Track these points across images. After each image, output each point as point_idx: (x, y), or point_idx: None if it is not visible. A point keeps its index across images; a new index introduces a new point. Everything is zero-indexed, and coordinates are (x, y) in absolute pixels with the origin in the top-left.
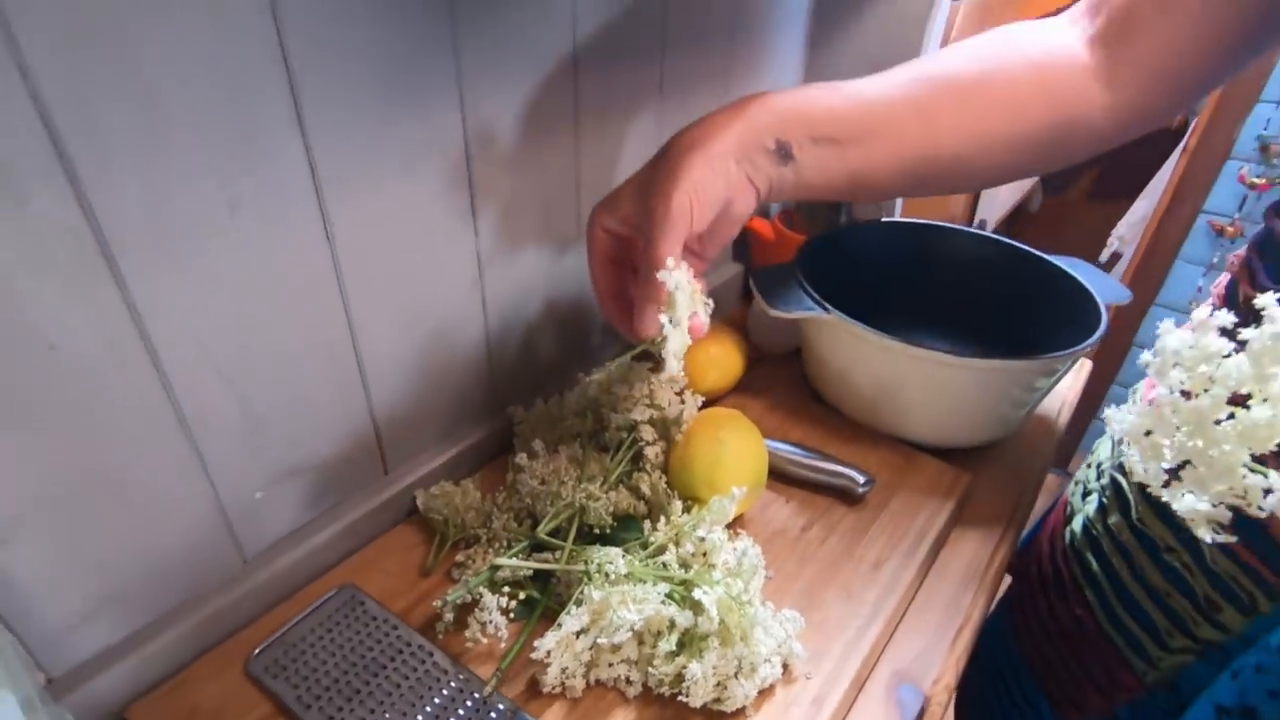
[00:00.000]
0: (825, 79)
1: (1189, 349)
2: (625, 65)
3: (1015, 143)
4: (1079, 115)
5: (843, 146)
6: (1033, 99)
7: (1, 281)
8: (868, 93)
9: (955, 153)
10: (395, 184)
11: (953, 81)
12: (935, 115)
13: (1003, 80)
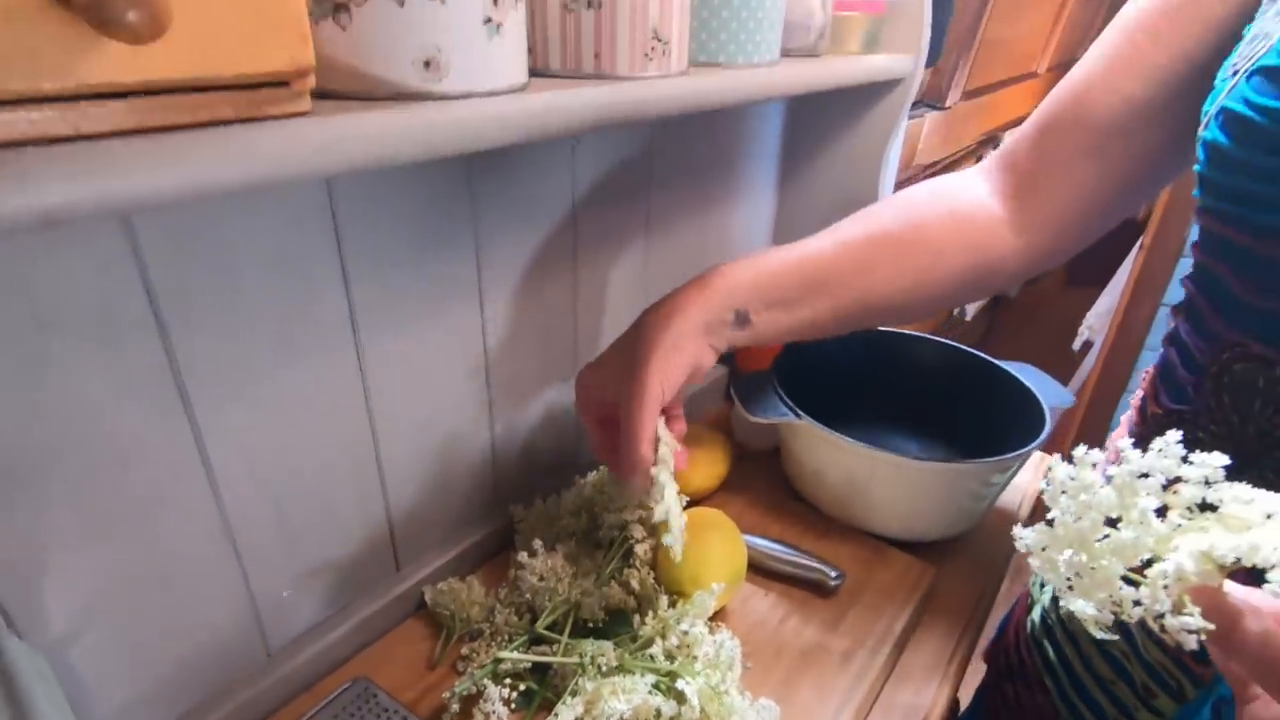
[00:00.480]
0: (796, 206)
1: (1072, 480)
2: (616, 207)
3: (940, 288)
4: (994, 261)
5: (792, 306)
6: (954, 250)
7: (93, 409)
8: (814, 255)
9: (889, 300)
10: (419, 324)
11: (887, 238)
12: (872, 270)
13: (929, 234)
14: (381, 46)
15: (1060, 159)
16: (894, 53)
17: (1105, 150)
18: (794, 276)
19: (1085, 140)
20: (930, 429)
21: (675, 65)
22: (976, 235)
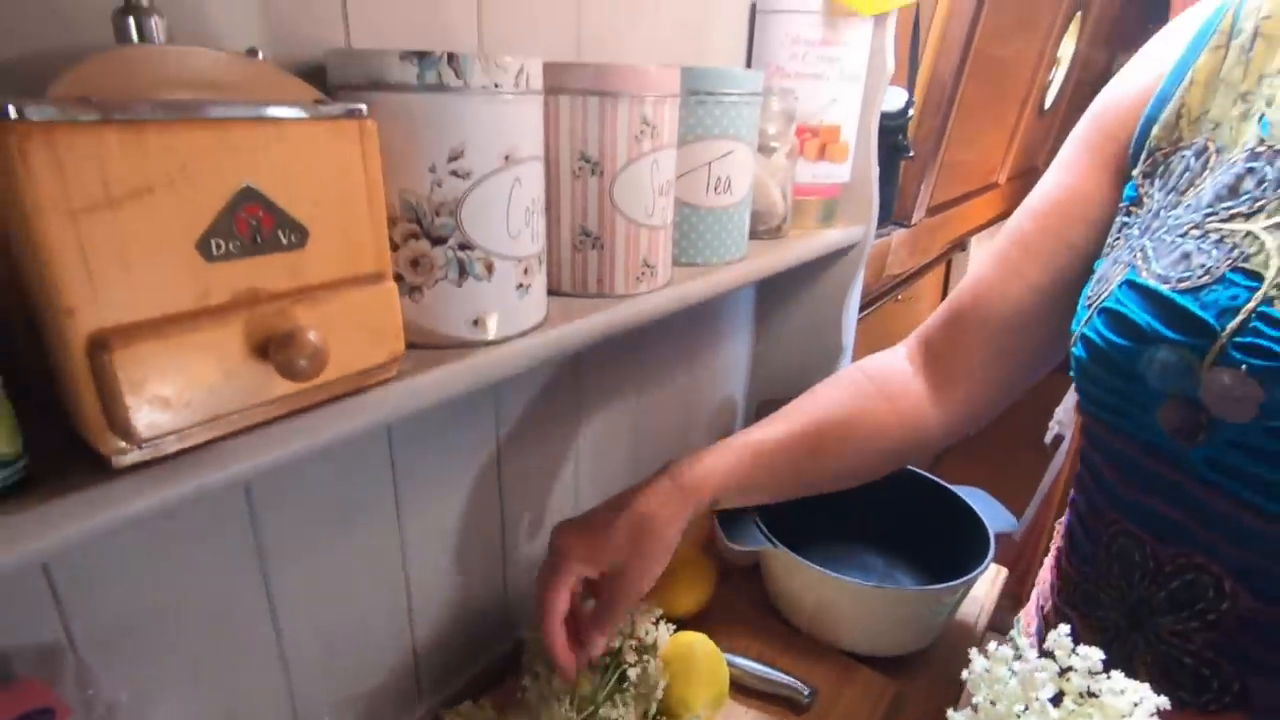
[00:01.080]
0: (771, 350)
1: (987, 672)
2: (544, 438)
3: (877, 461)
4: (921, 434)
5: (754, 491)
6: (888, 429)
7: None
8: (772, 447)
9: (836, 473)
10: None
11: (832, 426)
12: (821, 455)
13: (866, 419)
14: (443, 313)
15: (966, 347)
16: (848, 224)
17: (1003, 341)
18: (756, 468)
19: (985, 333)
20: (898, 546)
21: (661, 280)
22: (905, 414)
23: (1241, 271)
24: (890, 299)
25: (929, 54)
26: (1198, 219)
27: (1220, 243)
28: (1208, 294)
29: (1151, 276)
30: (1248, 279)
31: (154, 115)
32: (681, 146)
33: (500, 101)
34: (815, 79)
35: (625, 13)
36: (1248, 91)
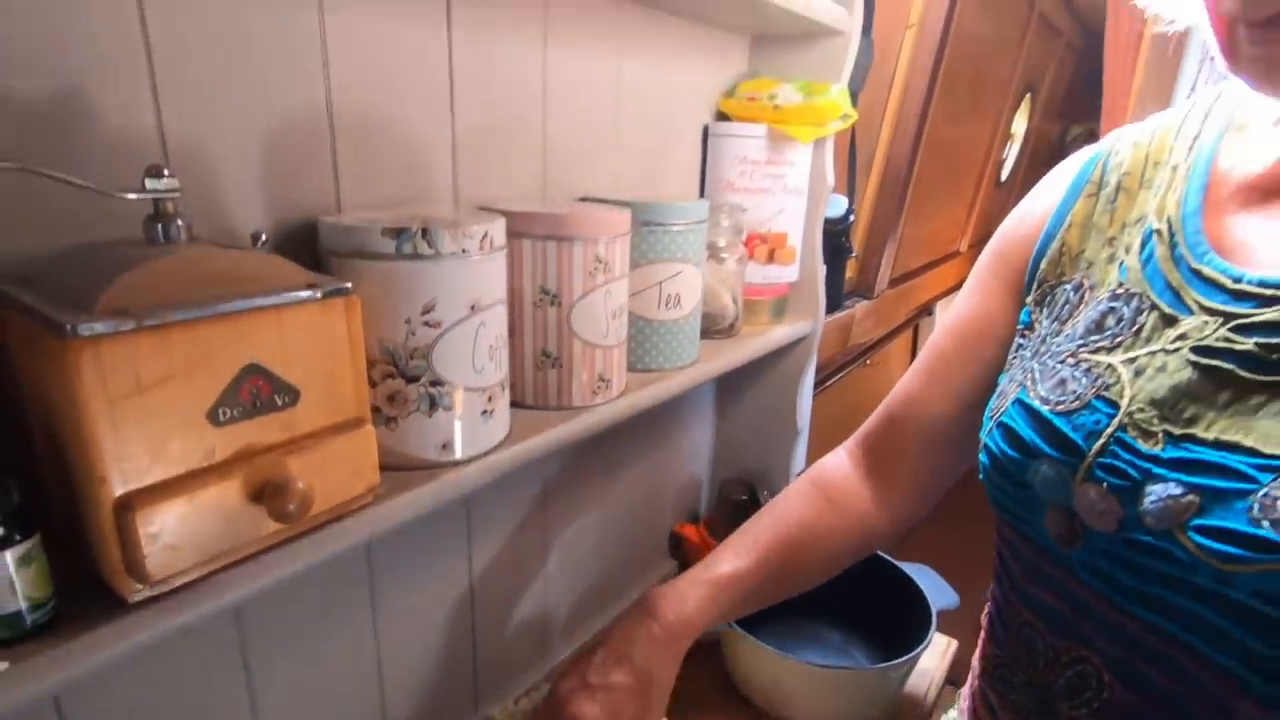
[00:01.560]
0: (732, 431)
1: None
2: (514, 530)
3: (833, 563)
4: (869, 534)
5: (729, 616)
6: (840, 536)
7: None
8: (739, 576)
9: (798, 585)
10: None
11: (792, 542)
12: (786, 571)
13: (820, 531)
14: (415, 440)
15: (901, 449)
16: (798, 319)
17: (933, 443)
18: (732, 600)
19: (916, 437)
20: (854, 620)
21: (616, 391)
22: (853, 517)
23: (1103, 399)
24: (859, 364)
25: (884, 138)
26: (1072, 348)
27: (1088, 372)
28: (1078, 417)
29: (1036, 397)
30: (1108, 406)
31: (178, 318)
32: (634, 269)
33: (468, 262)
34: (763, 193)
35: (588, 147)
36: (1113, 237)
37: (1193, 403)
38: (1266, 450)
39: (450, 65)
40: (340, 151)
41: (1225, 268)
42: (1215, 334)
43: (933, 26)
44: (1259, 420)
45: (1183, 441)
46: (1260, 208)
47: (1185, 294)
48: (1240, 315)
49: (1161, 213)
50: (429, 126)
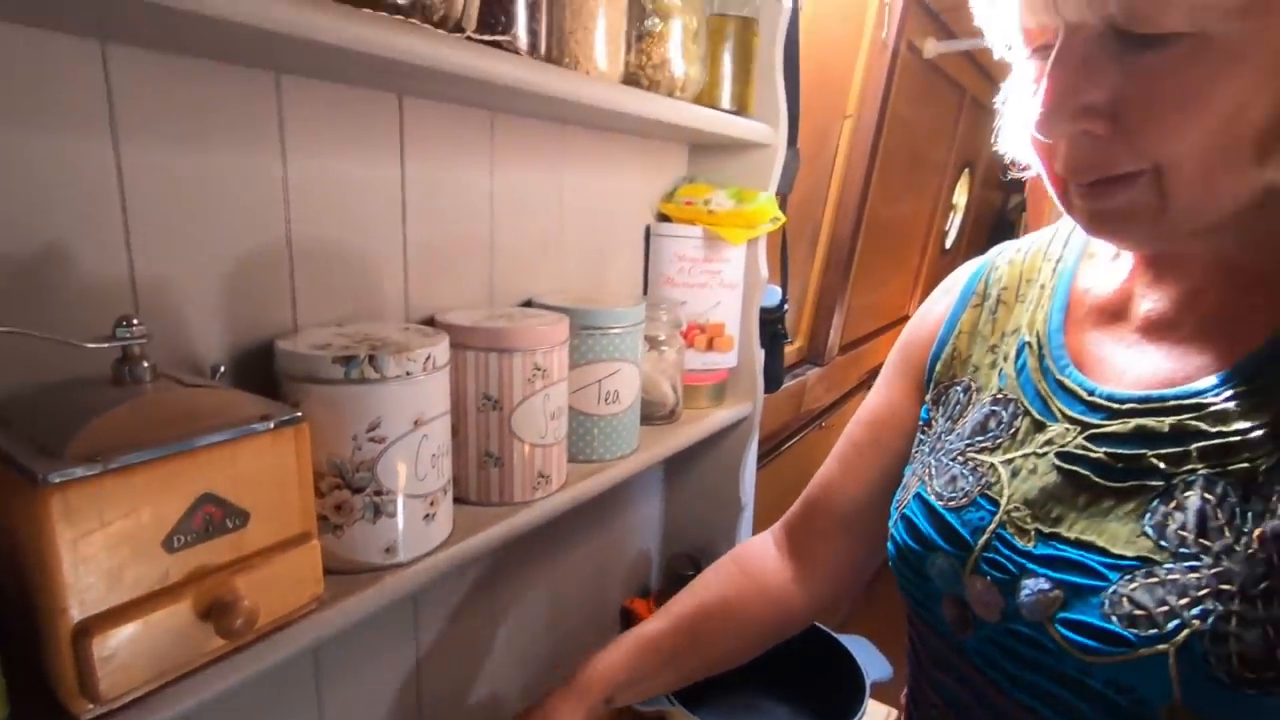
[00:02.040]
0: (680, 507)
1: None
2: (462, 617)
3: (753, 640)
4: (790, 614)
5: (645, 682)
6: (760, 614)
7: None
8: (657, 639)
9: (718, 658)
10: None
11: (710, 612)
12: (702, 639)
13: (741, 606)
14: (360, 546)
15: (821, 534)
16: (737, 402)
17: (850, 529)
18: (643, 660)
19: (834, 523)
20: (797, 692)
21: (555, 485)
22: (774, 597)
23: (987, 497)
24: (814, 428)
25: (828, 218)
26: (961, 446)
27: (975, 470)
28: (965, 514)
29: (932, 493)
30: (990, 504)
31: (140, 459)
32: (575, 369)
33: (411, 383)
34: (701, 287)
35: (533, 253)
36: (994, 345)
37: (1058, 504)
38: (1115, 550)
39: (403, 193)
40: (298, 278)
41: (1082, 380)
42: (1074, 441)
43: (868, 116)
44: (1109, 522)
45: (1050, 539)
46: (1109, 327)
47: (1051, 402)
48: (1094, 425)
49: (1032, 326)
50: (382, 248)
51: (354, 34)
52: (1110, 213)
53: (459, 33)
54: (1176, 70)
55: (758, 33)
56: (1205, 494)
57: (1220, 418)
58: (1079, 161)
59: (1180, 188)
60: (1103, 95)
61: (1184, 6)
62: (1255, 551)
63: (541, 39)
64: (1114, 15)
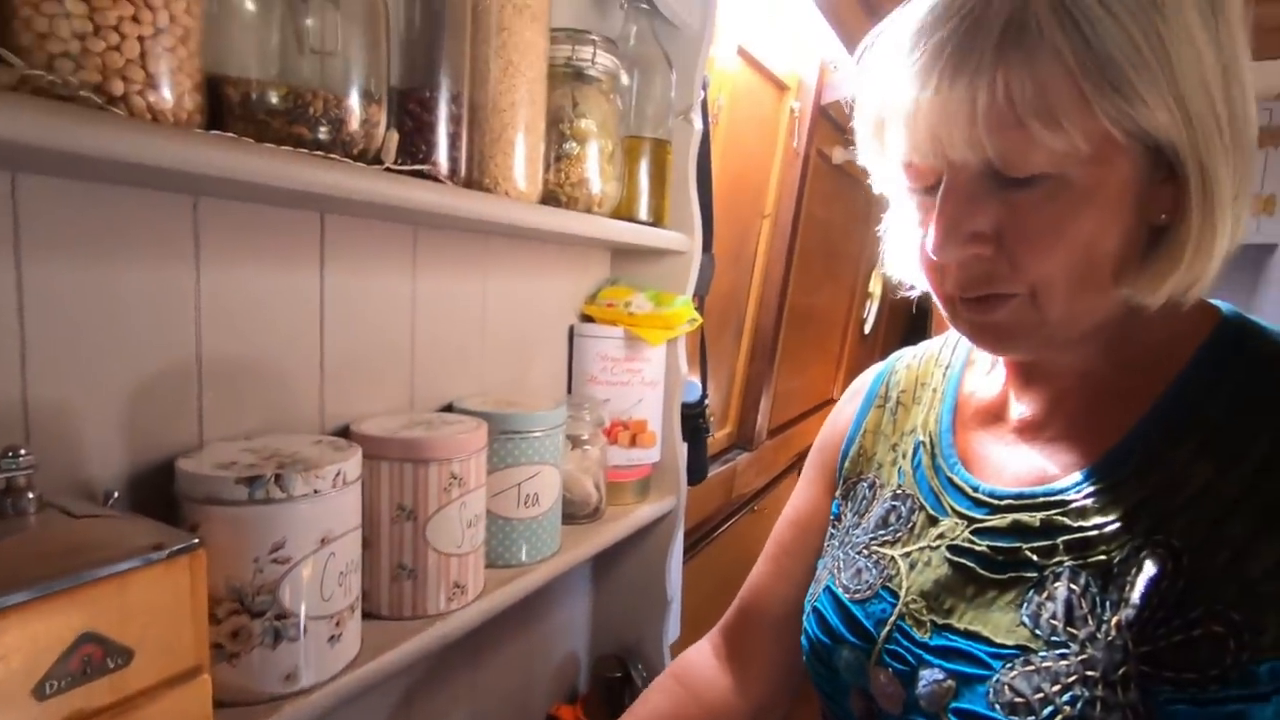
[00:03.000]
0: (608, 602)
1: None
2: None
3: None
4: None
5: None
6: None
7: None
8: None
9: None
10: None
11: None
12: None
13: (682, 715)
14: (258, 674)
15: (756, 638)
16: (662, 496)
17: (783, 631)
18: None
19: (768, 626)
20: None
21: (472, 595)
22: (715, 709)
23: (888, 589)
24: (747, 511)
25: (751, 310)
26: (866, 540)
27: (877, 564)
28: (869, 606)
29: (840, 586)
30: (891, 596)
31: (13, 602)
32: (494, 473)
33: (320, 500)
34: (624, 385)
35: (455, 357)
36: (895, 444)
37: (950, 595)
38: (997, 640)
39: (322, 303)
40: (207, 393)
41: (968, 477)
42: (962, 535)
43: (785, 216)
44: (992, 613)
45: (943, 630)
46: (990, 428)
47: (943, 498)
48: (978, 520)
49: (926, 427)
50: (298, 358)
51: (276, 173)
52: (994, 325)
53: (378, 164)
54: (1045, 204)
55: (671, 151)
56: (1071, 584)
57: (1081, 513)
58: (968, 280)
59: (1054, 304)
60: (987, 224)
61: (1046, 154)
62: (1114, 639)
63: (462, 164)
64: (991, 159)
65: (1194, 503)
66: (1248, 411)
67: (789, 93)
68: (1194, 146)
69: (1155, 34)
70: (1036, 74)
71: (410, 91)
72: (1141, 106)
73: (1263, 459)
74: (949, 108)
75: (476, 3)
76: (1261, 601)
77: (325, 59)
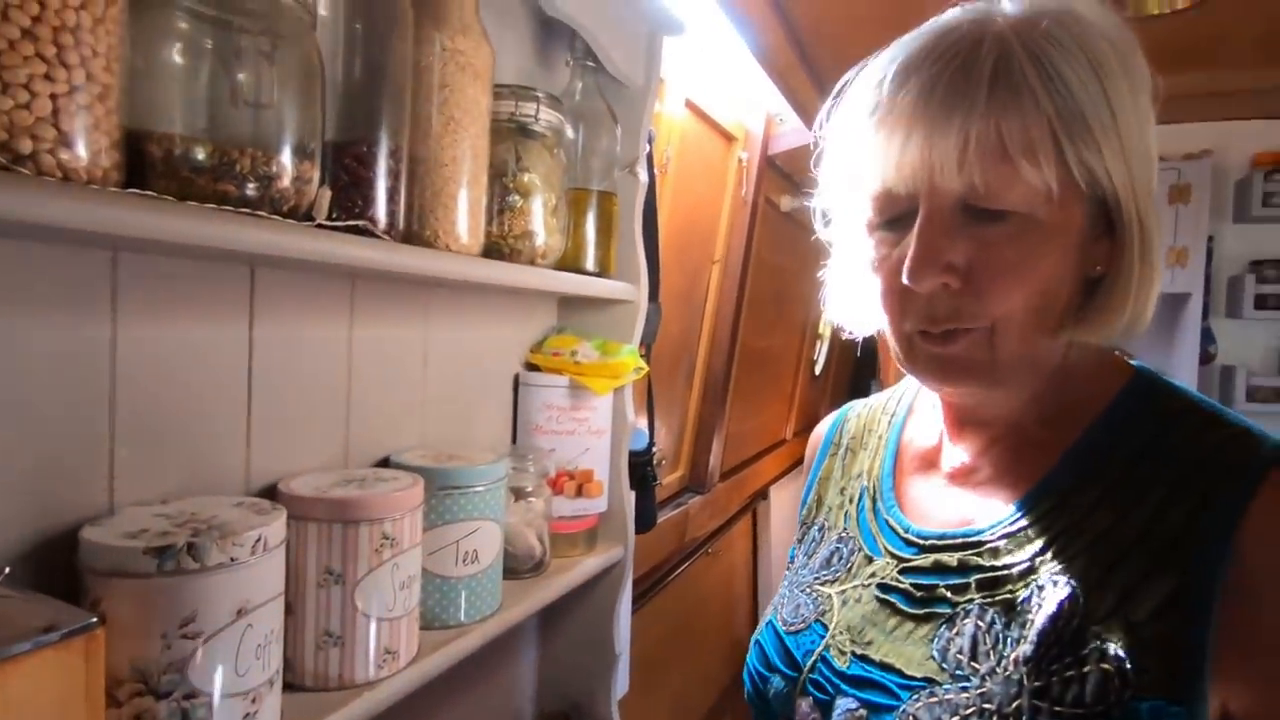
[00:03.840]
0: (554, 660)
1: None
2: None
3: None
4: None
5: None
6: None
7: None
8: None
9: None
10: None
11: None
12: None
13: None
14: None
15: None
16: (610, 546)
17: None
18: None
19: None
20: None
21: (404, 661)
22: None
23: (820, 623)
24: (700, 555)
25: (703, 353)
26: (810, 579)
27: (815, 600)
28: (801, 637)
29: (780, 620)
30: (822, 629)
31: None
32: (431, 530)
33: (237, 569)
34: (569, 434)
35: (394, 410)
36: (844, 488)
37: (872, 628)
38: (908, 671)
39: (250, 357)
40: (120, 454)
41: (901, 519)
42: (891, 574)
43: (734, 261)
44: (907, 646)
45: (861, 661)
46: (926, 474)
47: (879, 539)
48: (905, 559)
49: (870, 473)
50: (222, 415)
51: (195, 232)
52: (950, 358)
53: (309, 221)
54: (1013, 240)
55: (617, 203)
56: (979, 620)
57: (994, 553)
58: (937, 312)
59: (1009, 341)
60: (960, 257)
61: (1023, 189)
62: (1011, 673)
63: (400, 218)
64: (975, 186)
65: (1093, 546)
66: (1146, 462)
67: (737, 143)
68: (1137, 200)
69: (1105, 97)
70: (1023, 116)
71: (348, 145)
72: (1098, 158)
73: (1155, 507)
74: (944, 138)
75: (418, 60)
76: (1145, 643)
77: (258, 114)
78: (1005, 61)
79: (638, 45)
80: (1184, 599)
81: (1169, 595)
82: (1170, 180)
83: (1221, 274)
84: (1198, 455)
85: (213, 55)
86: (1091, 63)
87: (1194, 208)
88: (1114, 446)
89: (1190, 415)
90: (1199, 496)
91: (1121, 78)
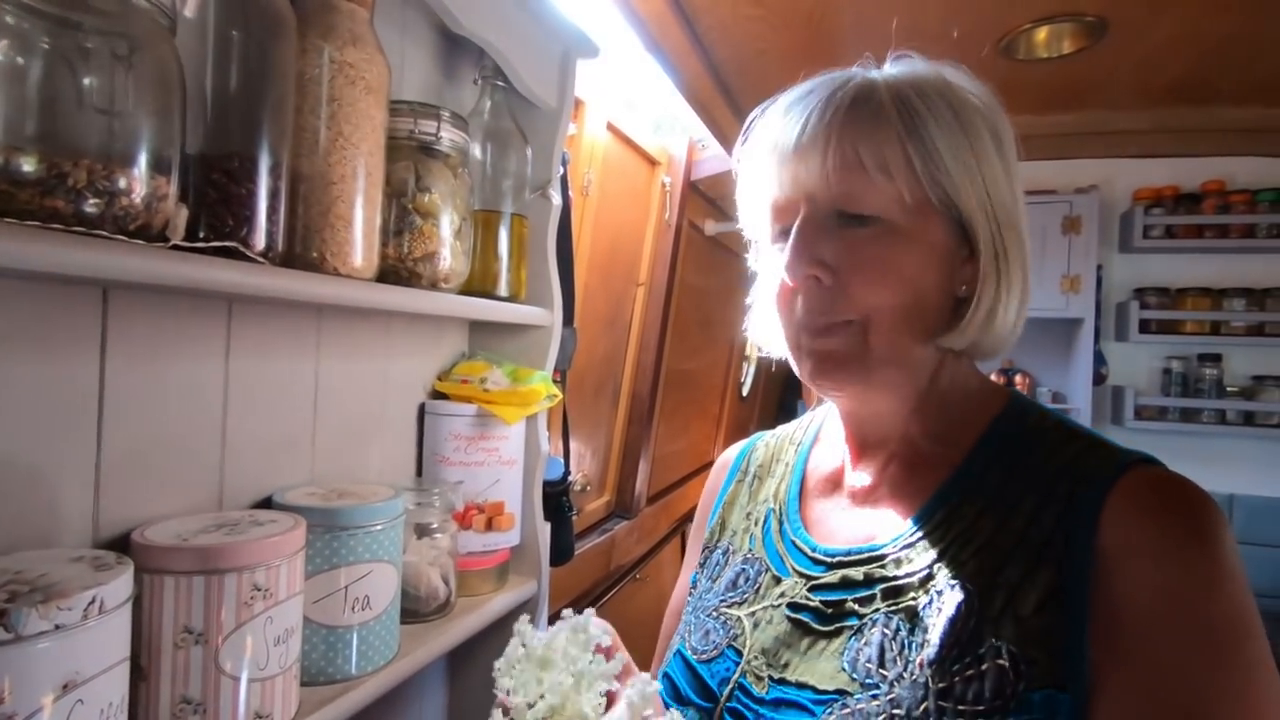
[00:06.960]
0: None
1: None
2: None
3: None
4: None
5: None
6: None
7: None
8: None
9: None
10: None
11: None
12: None
13: None
14: None
15: None
16: (522, 580)
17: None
18: None
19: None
20: None
21: None
22: None
23: (733, 649)
24: (629, 580)
25: (628, 376)
26: (716, 603)
27: (725, 624)
28: (714, 665)
29: (689, 648)
30: (736, 655)
31: None
32: (315, 577)
33: (63, 637)
34: (479, 465)
35: (279, 445)
36: (750, 512)
37: (786, 649)
38: (821, 686)
39: (101, 392)
40: None
41: (808, 539)
42: (800, 592)
43: (659, 284)
44: (819, 662)
45: (778, 684)
46: (831, 496)
47: (786, 560)
48: (814, 578)
49: (777, 497)
50: (64, 458)
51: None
52: (829, 352)
53: (163, 242)
54: (874, 242)
55: (528, 226)
56: (885, 629)
57: (896, 564)
58: (812, 305)
59: (880, 334)
60: (829, 254)
61: (878, 198)
62: (916, 677)
63: (279, 239)
64: (842, 194)
65: (981, 551)
66: (1019, 476)
67: (660, 167)
68: (1001, 231)
69: (964, 135)
70: (876, 135)
71: (218, 159)
72: (949, 179)
73: (1030, 513)
74: (815, 156)
75: (303, 71)
76: (1033, 635)
77: (106, 123)
78: (867, 94)
79: (550, 66)
80: (1061, 592)
81: (1049, 589)
82: (1063, 212)
83: (1111, 300)
84: (1061, 466)
85: (50, 56)
86: (952, 107)
87: (1085, 238)
88: (993, 462)
89: (1054, 432)
90: (1064, 500)
91: (983, 127)
